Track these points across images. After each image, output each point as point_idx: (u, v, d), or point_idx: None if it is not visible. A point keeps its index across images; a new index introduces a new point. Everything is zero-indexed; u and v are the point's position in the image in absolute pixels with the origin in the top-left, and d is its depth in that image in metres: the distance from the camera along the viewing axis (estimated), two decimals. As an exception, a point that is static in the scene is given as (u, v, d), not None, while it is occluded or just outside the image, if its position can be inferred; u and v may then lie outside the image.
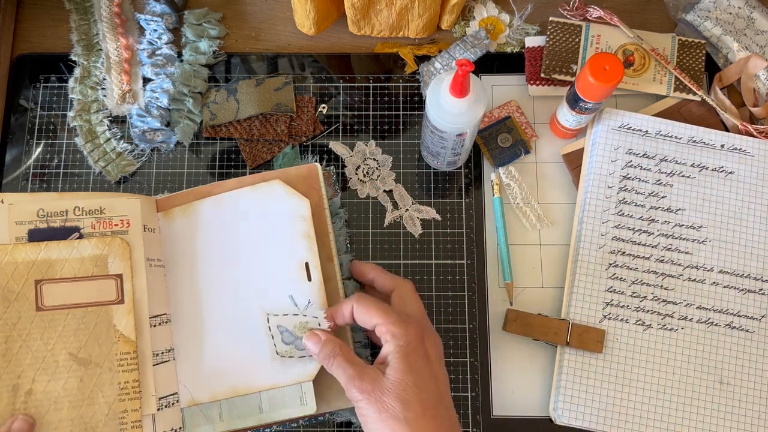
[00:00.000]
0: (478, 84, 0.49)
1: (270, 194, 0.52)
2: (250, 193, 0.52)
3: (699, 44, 0.63)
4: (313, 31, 0.63)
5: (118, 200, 0.49)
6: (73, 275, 0.46)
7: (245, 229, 0.52)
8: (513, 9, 0.65)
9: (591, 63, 0.51)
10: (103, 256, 0.47)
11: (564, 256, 0.59)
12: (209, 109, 0.62)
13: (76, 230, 0.48)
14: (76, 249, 0.47)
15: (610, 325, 0.55)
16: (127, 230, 0.48)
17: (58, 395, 0.45)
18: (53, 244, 0.46)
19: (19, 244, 0.46)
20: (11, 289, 0.45)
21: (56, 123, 0.63)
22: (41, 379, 0.45)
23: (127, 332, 0.46)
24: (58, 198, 0.48)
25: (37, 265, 0.46)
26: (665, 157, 0.59)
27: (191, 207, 0.52)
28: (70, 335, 0.46)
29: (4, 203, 0.47)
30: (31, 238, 0.47)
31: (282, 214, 0.51)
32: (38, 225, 0.47)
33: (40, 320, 0.45)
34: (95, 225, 0.48)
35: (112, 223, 0.48)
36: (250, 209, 0.52)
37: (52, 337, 0.45)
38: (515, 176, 0.61)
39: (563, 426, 0.54)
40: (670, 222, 0.58)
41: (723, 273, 0.57)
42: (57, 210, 0.48)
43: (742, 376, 0.55)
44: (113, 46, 0.64)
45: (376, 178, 0.60)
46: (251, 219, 0.52)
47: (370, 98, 0.64)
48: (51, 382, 0.45)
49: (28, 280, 0.46)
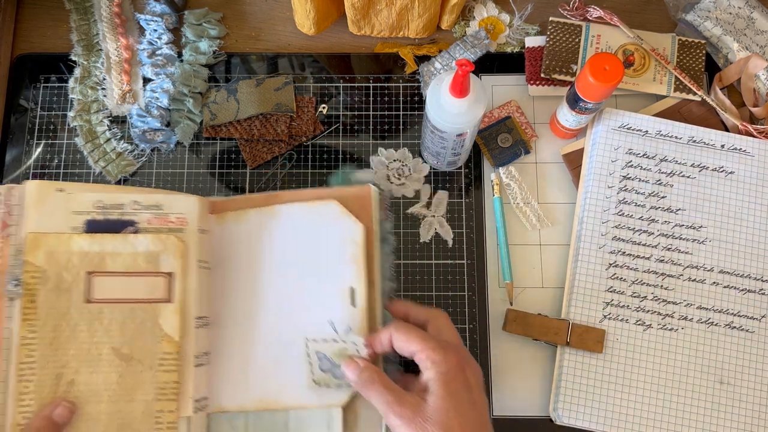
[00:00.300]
0: (478, 84, 0.49)
1: (325, 214, 0.50)
2: (305, 210, 0.51)
3: (699, 44, 0.63)
4: (313, 31, 0.63)
5: (176, 198, 0.48)
6: (124, 270, 0.46)
7: (295, 244, 0.51)
8: (513, 9, 0.65)
9: (591, 63, 0.51)
10: (156, 253, 0.46)
11: (564, 256, 0.59)
12: (209, 109, 0.62)
13: (131, 224, 0.47)
14: (131, 243, 0.46)
15: (611, 325, 0.55)
16: (183, 229, 0.48)
17: (98, 388, 0.45)
18: (108, 237, 0.46)
19: (75, 234, 0.46)
20: (64, 278, 0.45)
21: (56, 123, 0.63)
22: (84, 370, 0.44)
23: (171, 332, 0.46)
24: (117, 191, 0.48)
25: (91, 256, 0.46)
26: (665, 157, 0.59)
27: (245, 214, 0.51)
28: (116, 330, 0.45)
29: (64, 192, 0.46)
30: (88, 229, 0.46)
31: (334, 236, 0.50)
32: (95, 216, 0.47)
33: (88, 312, 0.45)
34: (152, 221, 0.47)
35: (168, 220, 0.48)
36: (303, 226, 0.51)
37: (98, 330, 0.45)
38: (515, 176, 0.61)
39: (563, 426, 0.54)
40: (670, 222, 0.58)
41: (723, 273, 0.57)
42: (115, 202, 0.47)
43: (742, 376, 0.55)
44: (113, 46, 0.64)
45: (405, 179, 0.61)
46: (303, 236, 0.51)
47: (370, 98, 0.64)
48: (93, 375, 0.45)
49: (80, 271, 0.45)
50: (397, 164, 0.61)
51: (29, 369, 0.44)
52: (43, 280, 0.45)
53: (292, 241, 0.51)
